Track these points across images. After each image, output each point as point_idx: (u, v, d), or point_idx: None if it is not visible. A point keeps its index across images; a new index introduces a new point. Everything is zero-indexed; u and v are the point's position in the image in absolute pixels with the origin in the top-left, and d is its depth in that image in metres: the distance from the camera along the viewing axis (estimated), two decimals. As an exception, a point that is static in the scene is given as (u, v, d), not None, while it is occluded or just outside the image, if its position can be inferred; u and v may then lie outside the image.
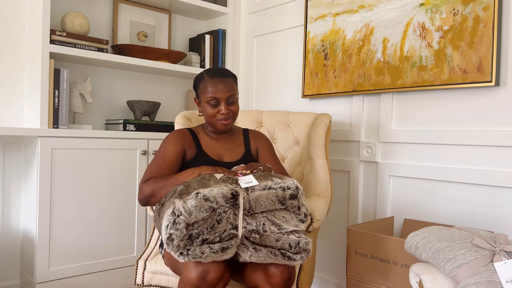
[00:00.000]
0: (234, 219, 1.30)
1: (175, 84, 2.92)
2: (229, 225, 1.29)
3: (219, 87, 1.56)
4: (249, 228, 1.31)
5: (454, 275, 1.26)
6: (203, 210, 1.26)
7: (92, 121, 2.56)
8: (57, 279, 2.13)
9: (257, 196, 1.33)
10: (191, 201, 1.27)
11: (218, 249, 1.27)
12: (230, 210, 1.30)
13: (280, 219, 1.35)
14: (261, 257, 1.31)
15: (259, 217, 1.33)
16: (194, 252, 1.25)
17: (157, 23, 2.79)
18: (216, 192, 1.29)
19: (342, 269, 2.30)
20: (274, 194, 1.34)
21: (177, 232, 1.24)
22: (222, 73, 1.60)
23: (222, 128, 1.60)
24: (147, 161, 2.43)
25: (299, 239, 1.33)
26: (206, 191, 1.29)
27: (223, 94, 1.56)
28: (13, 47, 2.29)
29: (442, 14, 1.87)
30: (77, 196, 2.19)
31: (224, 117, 1.58)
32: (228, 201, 1.29)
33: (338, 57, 2.27)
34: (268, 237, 1.31)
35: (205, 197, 1.27)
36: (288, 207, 1.36)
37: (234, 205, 1.31)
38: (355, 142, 2.25)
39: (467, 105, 1.84)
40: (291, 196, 1.35)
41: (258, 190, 1.33)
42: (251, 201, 1.32)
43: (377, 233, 1.80)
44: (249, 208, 1.32)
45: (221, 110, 1.57)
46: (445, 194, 1.91)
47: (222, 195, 1.29)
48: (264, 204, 1.33)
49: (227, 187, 1.31)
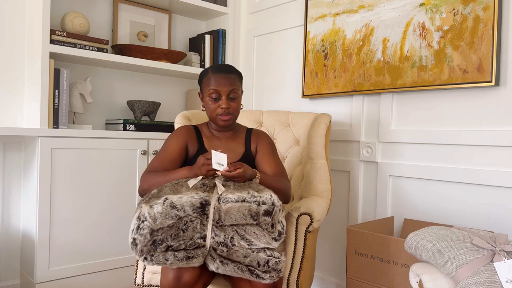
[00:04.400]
0: (202, 229, 1.28)
1: (175, 84, 2.92)
2: (196, 234, 1.27)
3: (221, 81, 1.55)
4: (217, 240, 1.28)
5: (454, 275, 1.26)
6: (168, 218, 1.25)
7: (92, 121, 2.56)
8: (57, 279, 2.13)
9: (228, 208, 1.28)
10: (158, 207, 1.25)
11: (183, 257, 1.26)
12: (198, 219, 1.28)
13: (250, 234, 1.29)
14: (228, 271, 1.29)
15: (228, 230, 1.29)
16: (157, 258, 1.25)
17: (157, 23, 2.79)
18: (184, 200, 1.27)
19: (342, 269, 2.30)
20: (247, 208, 1.28)
21: (141, 237, 1.24)
22: (226, 68, 1.59)
23: (221, 123, 1.59)
24: (147, 161, 2.43)
25: (269, 257, 1.29)
26: (174, 198, 1.27)
27: (224, 88, 1.55)
28: (13, 47, 2.29)
29: (442, 14, 1.87)
30: (77, 196, 2.19)
31: (224, 112, 1.56)
32: (195, 211, 1.27)
33: (338, 57, 2.27)
34: (236, 252, 1.28)
35: (172, 205, 1.25)
36: (260, 224, 1.29)
37: (202, 214, 1.28)
38: (355, 142, 2.25)
39: (467, 105, 1.84)
40: (265, 212, 1.28)
41: (231, 201, 1.28)
42: (221, 212, 1.28)
43: (377, 233, 1.80)
44: (218, 219, 1.28)
45: (221, 104, 1.55)
46: (445, 194, 1.91)
47: (191, 203, 1.27)
48: (234, 217, 1.27)
49: (198, 195, 1.29)
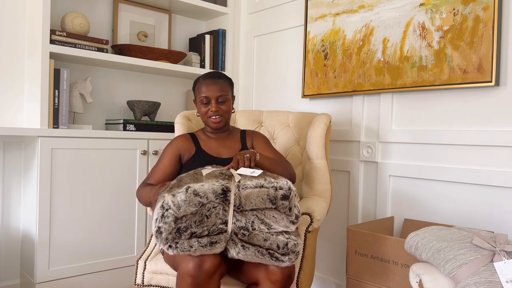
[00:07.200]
0: (223, 215, 1.32)
1: (175, 84, 2.92)
2: (218, 220, 1.31)
3: (210, 87, 1.69)
4: (238, 225, 1.32)
5: (454, 275, 1.26)
6: (192, 205, 1.29)
7: (92, 121, 2.56)
8: (57, 279, 2.13)
9: (248, 193, 1.34)
10: (181, 195, 1.30)
11: (207, 243, 1.29)
12: (220, 205, 1.32)
13: (270, 218, 1.35)
14: (249, 255, 1.32)
15: (249, 215, 1.34)
16: (182, 246, 1.28)
17: (157, 23, 2.79)
18: (206, 187, 1.32)
19: (342, 269, 2.30)
20: (266, 193, 1.35)
21: (166, 225, 1.28)
22: (214, 75, 1.73)
23: (213, 125, 1.72)
24: (147, 161, 2.43)
25: (287, 240, 1.34)
26: (197, 186, 1.32)
27: (213, 93, 1.68)
28: (13, 47, 2.29)
29: (442, 14, 1.87)
30: (77, 196, 2.19)
31: (214, 114, 1.69)
32: (218, 197, 1.32)
33: (338, 57, 2.27)
34: (256, 236, 1.32)
35: (195, 192, 1.30)
36: (279, 207, 1.36)
37: (224, 200, 1.33)
38: (355, 142, 2.25)
39: (467, 105, 1.84)
40: (283, 196, 1.36)
41: (250, 187, 1.35)
42: (242, 198, 1.34)
43: (377, 233, 1.80)
44: (239, 204, 1.33)
45: (211, 108, 1.69)
46: (445, 194, 1.91)
47: (213, 190, 1.32)
48: (254, 202, 1.34)
49: (218, 183, 1.34)
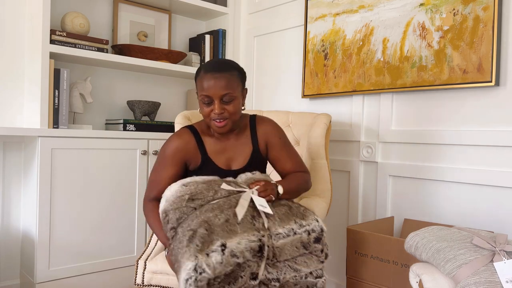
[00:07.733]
0: (256, 269, 1.23)
1: (175, 84, 2.92)
2: (248, 275, 1.22)
3: (211, 83, 1.36)
4: (269, 277, 1.25)
5: (454, 275, 1.26)
6: (228, 266, 1.17)
7: (92, 121, 2.56)
8: (57, 279, 2.13)
9: (282, 244, 1.27)
10: (217, 257, 1.16)
11: None
12: (255, 263, 1.23)
13: (301, 264, 1.30)
14: None
15: (281, 266, 1.28)
16: None
17: (157, 23, 2.79)
18: (243, 246, 1.20)
19: (342, 269, 2.30)
20: (299, 240, 1.29)
21: None
22: (219, 67, 1.39)
23: (217, 130, 1.43)
24: (147, 161, 2.43)
25: (316, 280, 1.30)
26: (233, 245, 1.20)
27: (215, 91, 1.36)
28: (13, 47, 2.29)
29: (442, 14, 1.87)
30: (77, 196, 2.19)
31: (218, 117, 1.39)
32: (255, 255, 1.22)
33: (338, 57, 2.27)
34: (286, 283, 1.27)
35: (232, 253, 1.18)
36: (312, 251, 1.32)
37: (260, 257, 1.23)
38: (355, 142, 2.25)
39: (467, 105, 1.84)
40: (316, 239, 1.31)
41: (283, 237, 1.27)
42: (275, 249, 1.26)
43: (377, 233, 1.80)
44: (272, 256, 1.26)
45: (214, 110, 1.38)
46: (445, 194, 1.91)
47: (250, 248, 1.21)
48: (288, 253, 1.28)
49: (254, 236, 1.23)
